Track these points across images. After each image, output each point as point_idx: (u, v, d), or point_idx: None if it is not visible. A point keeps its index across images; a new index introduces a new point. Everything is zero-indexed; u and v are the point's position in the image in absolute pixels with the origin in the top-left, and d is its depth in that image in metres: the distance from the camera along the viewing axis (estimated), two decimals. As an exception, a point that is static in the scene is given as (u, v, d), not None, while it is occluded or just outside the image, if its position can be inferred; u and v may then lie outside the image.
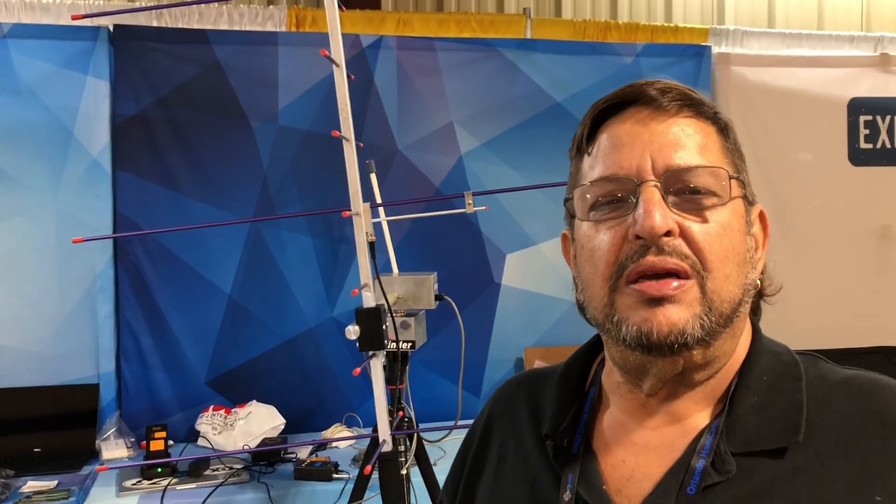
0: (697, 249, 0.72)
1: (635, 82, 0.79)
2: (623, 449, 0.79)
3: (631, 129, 0.76)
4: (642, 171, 0.74)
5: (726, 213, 0.75)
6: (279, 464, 2.89)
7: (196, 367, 3.29)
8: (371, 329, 1.88)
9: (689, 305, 0.71)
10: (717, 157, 0.77)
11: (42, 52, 3.14)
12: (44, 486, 2.70)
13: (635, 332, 0.72)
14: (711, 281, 0.72)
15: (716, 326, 0.73)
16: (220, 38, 3.31)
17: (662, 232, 0.71)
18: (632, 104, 0.77)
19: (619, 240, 0.73)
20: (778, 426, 0.73)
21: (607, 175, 0.76)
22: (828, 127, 3.89)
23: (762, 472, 0.71)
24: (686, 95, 0.78)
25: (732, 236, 0.75)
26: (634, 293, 0.72)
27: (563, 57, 3.58)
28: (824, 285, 3.87)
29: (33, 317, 3.15)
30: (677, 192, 0.74)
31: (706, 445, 0.73)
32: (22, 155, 3.14)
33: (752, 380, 0.77)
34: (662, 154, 0.74)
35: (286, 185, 3.36)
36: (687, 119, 0.77)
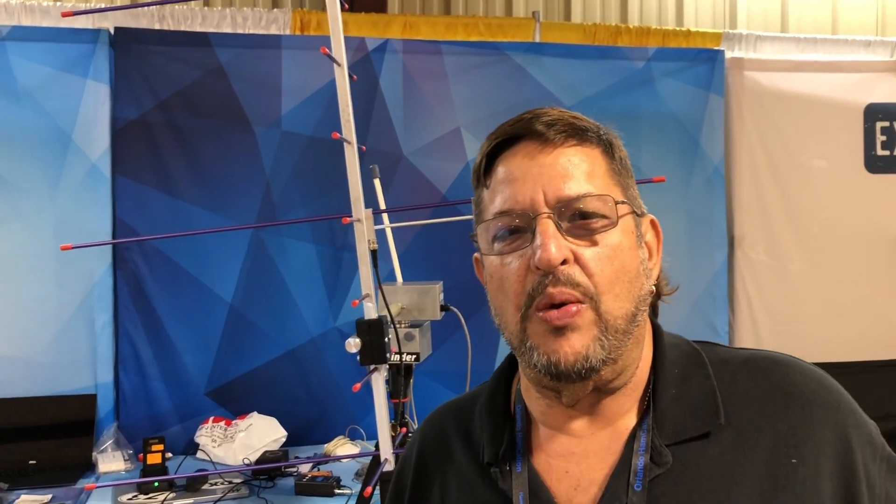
0: (590, 274, 0.78)
1: (524, 115, 0.84)
2: (563, 460, 0.83)
3: (521, 163, 0.82)
4: (536, 203, 0.80)
5: (616, 234, 0.81)
6: (280, 478, 2.81)
7: (196, 378, 3.21)
8: (373, 342, 1.80)
9: (588, 329, 0.78)
10: (603, 180, 0.82)
11: (41, 55, 3.08)
12: (38, 500, 2.62)
13: (545, 362, 0.78)
14: (604, 303, 0.78)
15: (615, 343, 0.79)
16: (222, 42, 3.25)
17: (558, 262, 0.77)
18: (522, 138, 0.83)
19: (523, 270, 0.79)
20: (699, 413, 0.81)
21: (504, 209, 0.81)
22: (843, 133, 3.81)
23: (696, 457, 0.79)
24: (570, 125, 0.83)
25: (623, 256, 0.80)
26: (542, 322, 0.78)
27: (572, 61, 3.51)
28: (840, 295, 3.78)
29: (30, 325, 3.08)
30: (570, 219, 0.80)
31: (642, 443, 0.80)
32: (20, 160, 3.08)
33: (665, 374, 0.84)
34: (552, 186, 0.80)
35: (289, 192, 3.28)
36: (573, 148, 0.82)
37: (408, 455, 0.99)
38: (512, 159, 0.83)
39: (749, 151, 3.76)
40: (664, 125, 3.61)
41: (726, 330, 3.71)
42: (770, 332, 3.70)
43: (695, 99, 3.66)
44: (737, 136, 3.75)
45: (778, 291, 3.76)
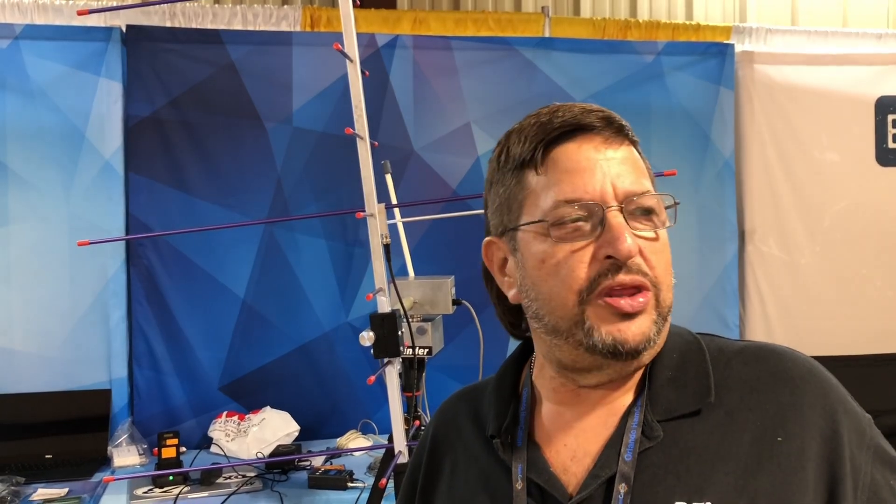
0: (651, 266, 0.83)
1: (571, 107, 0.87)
2: (562, 434, 0.88)
3: (590, 156, 0.84)
4: (606, 196, 0.82)
5: (665, 232, 0.87)
6: (293, 472, 2.83)
7: (209, 373, 3.24)
8: (386, 335, 1.81)
9: (650, 315, 0.83)
10: (648, 178, 0.88)
11: (54, 53, 3.11)
12: (55, 493, 2.65)
13: (610, 341, 0.82)
14: (661, 293, 0.84)
15: (663, 328, 0.85)
16: (233, 39, 3.27)
17: (635, 254, 0.81)
18: (578, 132, 0.85)
19: (588, 258, 0.82)
20: (691, 392, 0.85)
21: (573, 198, 0.83)
22: (854, 126, 3.80)
23: (686, 433, 0.83)
24: (619, 124, 0.87)
25: (668, 251, 0.87)
26: (608, 307, 0.82)
27: (582, 56, 3.51)
28: (851, 289, 3.77)
29: (45, 321, 3.11)
30: (632, 215, 0.84)
31: (635, 419, 0.85)
32: (34, 157, 3.11)
33: (664, 358, 0.88)
34: (620, 181, 0.83)
35: (301, 188, 3.30)
36: (627, 147, 0.87)
37: (424, 437, 1.05)
38: (577, 150, 0.85)
39: (760, 145, 3.75)
40: (674, 119, 3.61)
41: (737, 323, 3.71)
42: (781, 326, 3.70)
43: (705, 93, 3.65)
44: (747, 130, 3.74)
45: (789, 285, 3.76)
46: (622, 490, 0.81)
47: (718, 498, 0.78)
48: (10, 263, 3.10)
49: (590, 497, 0.82)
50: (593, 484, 0.83)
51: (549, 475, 0.86)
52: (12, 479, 2.66)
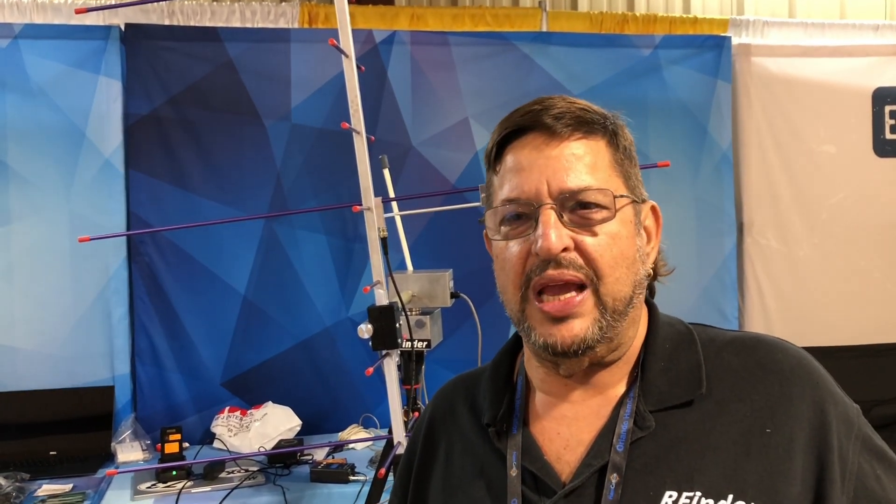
0: (590, 260, 0.84)
1: (533, 106, 0.89)
2: (556, 423, 0.90)
3: (529, 155, 0.87)
4: (540, 194, 0.85)
5: (615, 224, 0.86)
6: (295, 466, 2.85)
7: (211, 369, 3.26)
8: (384, 327, 1.83)
9: (589, 314, 0.84)
10: (605, 172, 0.87)
11: (53, 52, 3.12)
12: (59, 489, 2.67)
13: (542, 344, 0.85)
14: (604, 286, 0.84)
15: (612, 323, 0.85)
16: (232, 36, 3.28)
17: (557, 251, 0.83)
18: (531, 130, 0.88)
19: (524, 254, 0.86)
20: (683, 383, 0.86)
21: (511, 197, 0.87)
22: (852, 118, 3.81)
23: (677, 423, 0.85)
24: (577, 118, 0.87)
25: (621, 244, 0.86)
26: (539, 311, 0.85)
27: (579, 50, 3.52)
28: (850, 280, 3.78)
29: (47, 318, 3.13)
30: (571, 211, 0.85)
31: (628, 409, 0.86)
32: (34, 156, 3.12)
33: (656, 349, 0.90)
34: (556, 178, 0.85)
35: (300, 184, 3.32)
36: (578, 141, 0.87)
37: (420, 423, 1.06)
38: (521, 150, 0.88)
39: (757, 137, 3.76)
40: (672, 112, 3.62)
41: (736, 316, 3.72)
42: (780, 318, 3.71)
43: (702, 86, 3.66)
44: (745, 123, 3.75)
45: (787, 277, 3.77)
46: (614, 480, 0.82)
47: (707, 487, 0.80)
48: (12, 262, 3.12)
49: (582, 486, 0.84)
50: (585, 472, 0.84)
51: (543, 463, 0.87)
52: (17, 476, 2.68)
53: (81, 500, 2.58)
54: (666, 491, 0.81)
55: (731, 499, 0.79)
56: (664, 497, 0.81)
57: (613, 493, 0.82)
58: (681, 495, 0.80)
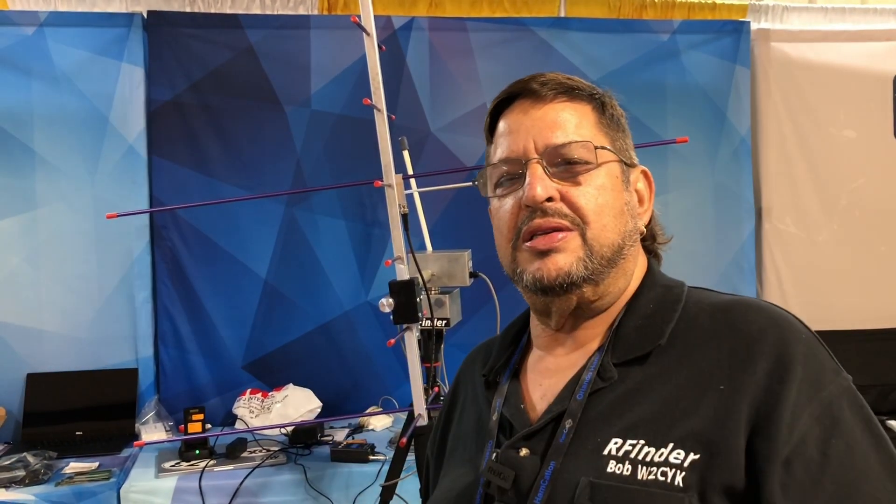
0: (575, 208, 0.89)
1: (524, 78, 0.95)
2: (539, 375, 0.97)
3: (517, 118, 0.94)
4: (527, 150, 0.91)
5: (600, 176, 0.91)
6: (316, 446, 2.89)
7: (233, 352, 3.30)
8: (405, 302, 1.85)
9: (573, 252, 0.89)
10: (589, 131, 0.93)
11: (78, 39, 3.17)
12: (85, 467, 2.73)
13: (531, 279, 0.90)
14: (590, 231, 0.89)
15: (599, 267, 0.89)
16: (252, 23, 3.31)
17: (542, 199, 0.88)
18: (519, 97, 0.95)
19: (515, 208, 0.91)
20: (647, 337, 0.89)
21: (503, 158, 0.93)
22: (872, 103, 3.78)
23: (635, 376, 0.87)
24: (561, 84, 0.94)
25: (606, 194, 0.91)
26: (529, 249, 0.90)
27: (597, 35, 3.53)
28: (869, 266, 3.77)
29: (73, 302, 3.19)
30: (556, 164, 0.91)
31: (594, 361, 0.91)
32: (60, 142, 3.18)
33: (638, 306, 0.93)
34: (542, 135, 0.91)
35: (319, 169, 3.35)
36: (562, 104, 0.93)
37: (452, 385, 1.15)
38: (510, 115, 0.95)
39: (776, 123, 3.74)
40: (690, 97, 3.62)
41: (755, 301, 3.70)
42: (798, 303, 3.70)
43: (721, 71, 3.66)
44: (763, 108, 3.74)
45: (806, 262, 3.76)
46: (567, 425, 0.87)
47: (651, 436, 0.82)
48: (38, 246, 3.17)
49: (542, 429, 0.89)
50: (545, 417, 0.89)
51: (517, 410, 0.94)
52: (45, 454, 2.75)
53: (107, 477, 2.63)
54: (612, 438, 0.84)
55: (671, 447, 0.80)
56: (609, 443, 0.84)
57: (565, 437, 0.86)
58: (625, 442, 0.83)
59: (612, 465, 0.82)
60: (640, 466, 0.81)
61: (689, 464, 0.79)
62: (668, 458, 0.80)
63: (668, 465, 0.80)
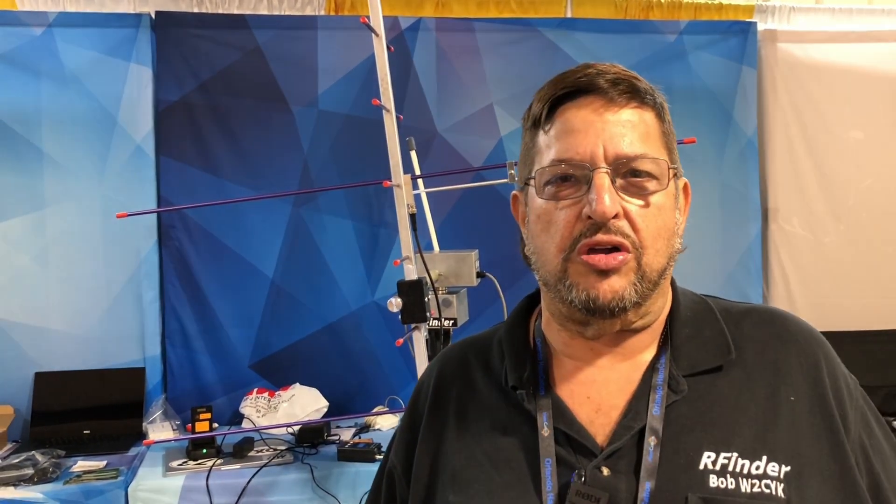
0: (636, 229, 0.85)
1: (587, 69, 0.88)
2: (585, 387, 0.91)
3: (586, 117, 0.86)
4: (595, 157, 0.84)
5: (662, 196, 0.87)
6: (322, 445, 2.90)
7: (239, 351, 3.31)
8: (413, 301, 1.86)
9: (627, 275, 0.85)
10: (656, 143, 0.88)
11: (86, 40, 3.19)
12: (93, 465, 2.74)
13: (584, 297, 0.85)
14: (646, 256, 0.85)
15: (646, 291, 0.86)
16: (259, 23, 3.33)
17: (612, 216, 0.83)
18: (585, 93, 0.87)
19: (573, 217, 0.85)
20: (712, 349, 0.89)
21: (565, 158, 0.86)
22: (879, 104, 3.78)
23: (708, 388, 0.87)
24: (633, 87, 0.87)
25: (665, 216, 0.87)
26: (585, 264, 0.85)
27: (604, 36, 3.53)
28: (876, 267, 3.76)
29: (81, 301, 3.20)
30: (624, 177, 0.85)
31: (660, 374, 0.88)
32: (68, 141, 3.19)
33: (681, 317, 0.92)
34: (613, 143, 0.85)
35: (326, 169, 3.36)
36: (633, 110, 0.87)
37: (423, 385, 1.03)
38: (577, 111, 0.87)
39: (783, 123, 3.74)
40: (697, 98, 3.62)
41: (760, 302, 3.71)
42: (805, 304, 3.69)
43: (727, 72, 3.65)
44: (770, 109, 3.74)
45: (813, 264, 3.75)
46: (652, 442, 0.84)
47: (743, 448, 0.83)
48: (46, 245, 3.19)
49: (622, 448, 0.85)
50: (626, 435, 0.85)
51: (579, 426, 0.88)
52: (53, 452, 2.76)
53: (115, 476, 2.64)
54: (704, 451, 0.83)
55: (766, 460, 0.82)
56: (703, 457, 0.82)
57: (653, 455, 0.83)
58: (719, 455, 0.82)
59: (713, 479, 0.81)
60: (741, 479, 0.81)
61: (784, 475, 0.81)
62: (766, 471, 0.81)
63: (768, 478, 0.81)
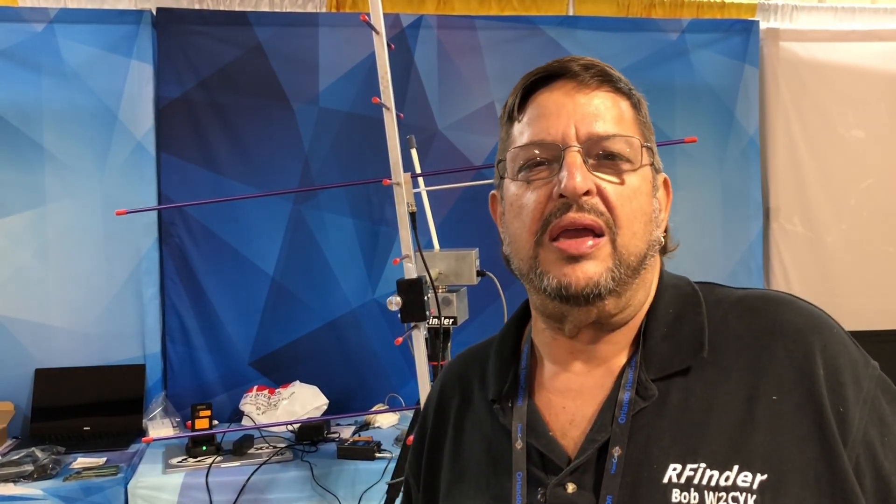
0: (611, 208, 0.82)
1: (561, 58, 0.88)
2: (561, 396, 0.88)
3: (558, 99, 0.85)
4: (567, 137, 0.83)
5: (637, 178, 0.84)
6: (322, 443, 2.90)
7: (240, 348, 3.31)
8: (413, 300, 1.86)
9: (603, 260, 0.81)
10: (630, 127, 0.86)
11: (87, 36, 3.18)
12: (93, 462, 2.74)
13: (556, 285, 0.82)
14: (621, 237, 0.82)
15: (625, 277, 0.82)
16: (261, 20, 3.32)
17: (583, 191, 0.80)
18: (558, 78, 0.86)
19: (544, 198, 0.83)
20: (685, 348, 0.83)
21: (536, 140, 0.85)
22: (881, 103, 3.77)
23: (679, 391, 0.81)
24: (605, 72, 0.86)
25: (641, 198, 0.84)
26: (556, 250, 0.82)
27: (606, 34, 3.52)
28: (878, 266, 3.76)
29: (81, 298, 3.20)
30: (596, 157, 0.83)
31: (629, 379, 0.83)
32: (69, 138, 3.19)
33: (659, 314, 0.87)
34: (585, 123, 0.83)
35: (327, 167, 3.35)
36: (606, 93, 0.86)
37: (429, 400, 1.03)
38: (549, 95, 0.86)
39: (785, 122, 3.74)
40: (699, 97, 3.61)
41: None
42: (806, 303, 3.68)
43: (729, 70, 3.65)
44: (772, 107, 3.73)
45: (814, 263, 3.75)
46: (615, 453, 0.80)
47: (712, 458, 0.77)
48: (47, 242, 3.18)
49: (587, 462, 0.81)
50: (589, 449, 0.82)
51: (549, 440, 0.85)
52: (53, 449, 2.76)
53: (115, 472, 2.64)
54: (670, 464, 0.78)
55: (737, 469, 0.76)
56: (668, 470, 0.78)
57: (616, 468, 0.79)
58: (685, 467, 0.77)
59: (675, 494, 0.76)
60: (707, 493, 0.75)
61: (758, 485, 0.75)
62: (735, 482, 0.75)
63: (738, 489, 0.75)
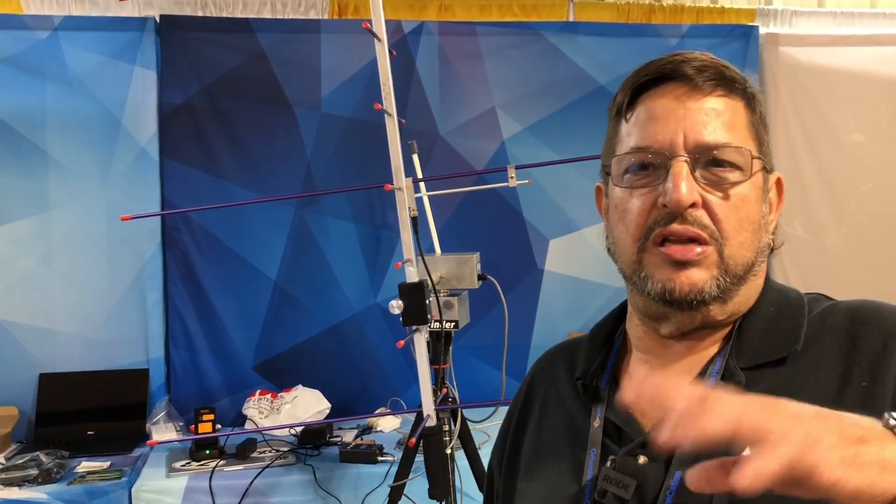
0: (717, 220, 0.81)
1: (674, 56, 0.85)
2: None
3: (668, 105, 0.83)
4: (674, 145, 0.81)
5: (746, 187, 0.82)
6: (325, 447, 2.91)
7: (243, 353, 3.33)
8: (414, 304, 1.88)
9: (708, 268, 0.81)
10: (743, 133, 0.84)
11: (91, 43, 3.21)
12: (97, 466, 2.76)
13: (660, 289, 0.82)
14: (728, 248, 0.81)
15: (730, 286, 0.82)
16: (263, 27, 3.35)
17: (687, 204, 0.79)
18: (669, 79, 0.84)
19: (648, 206, 0.82)
20: (780, 341, 0.83)
21: (642, 146, 0.83)
22: (881, 107, 3.79)
23: (767, 379, 0.81)
24: (720, 74, 0.84)
25: (749, 208, 0.83)
26: (661, 255, 0.82)
27: (606, 39, 3.54)
28: (878, 270, 3.76)
29: (85, 302, 3.22)
30: (704, 166, 0.81)
31: (717, 366, 0.84)
32: (73, 144, 3.21)
33: (759, 311, 0.86)
34: (694, 131, 0.81)
35: (330, 172, 3.38)
36: (719, 98, 0.84)
37: (520, 392, 1.06)
38: (658, 99, 0.85)
39: (785, 127, 3.75)
40: (699, 101, 3.62)
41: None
42: (807, 307, 3.70)
43: (729, 75, 3.66)
44: (772, 112, 3.75)
45: (815, 267, 3.76)
46: None
47: None
48: (52, 247, 3.21)
49: None
50: None
51: (628, 415, 0.86)
52: (57, 453, 2.77)
53: (119, 476, 2.66)
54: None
55: None
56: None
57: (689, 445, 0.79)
58: None
59: None
60: None
61: None
62: None
63: None
